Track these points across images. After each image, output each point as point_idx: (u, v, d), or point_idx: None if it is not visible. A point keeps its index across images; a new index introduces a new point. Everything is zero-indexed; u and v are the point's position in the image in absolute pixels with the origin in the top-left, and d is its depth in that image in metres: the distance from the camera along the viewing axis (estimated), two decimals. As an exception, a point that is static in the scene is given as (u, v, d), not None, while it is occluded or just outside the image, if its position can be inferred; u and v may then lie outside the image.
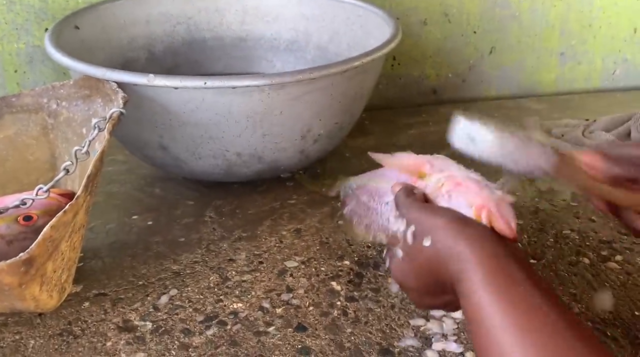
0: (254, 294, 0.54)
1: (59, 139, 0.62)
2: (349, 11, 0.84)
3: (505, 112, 1.00)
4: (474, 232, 0.37)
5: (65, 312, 0.51)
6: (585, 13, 1.08)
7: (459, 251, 0.36)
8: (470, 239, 0.36)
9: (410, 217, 0.40)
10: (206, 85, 0.56)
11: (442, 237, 0.37)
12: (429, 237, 0.38)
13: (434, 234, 0.37)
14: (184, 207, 0.69)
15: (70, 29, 0.72)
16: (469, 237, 0.36)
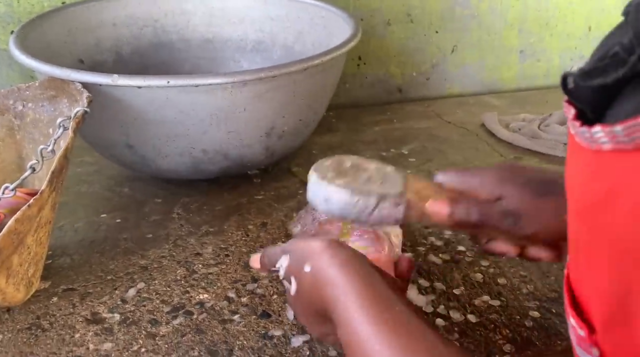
0: (220, 285, 0.56)
1: (25, 140, 0.63)
2: (313, 12, 0.86)
3: (467, 108, 1.04)
4: (347, 256, 0.37)
5: (33, 307, 0.52)
6: (542, 12, 1.12)
7: (332, 274, 0.36)
8: (343, 262, 0.36)
9: (291, 248, 0.41)
10: (169, 83, 0.57)
11: (317, 262, 0.37)
12: (308, 263, 0.38)
13: (311, 259, 0.38)
14: (152, 205, 0.70)
15: (36, 32, 0.73)
16: (342, 261, 0.36)
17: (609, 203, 0.26)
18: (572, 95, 0.29)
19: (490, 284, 0.56)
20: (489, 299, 0.54)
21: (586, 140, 0.27)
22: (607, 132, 0.25)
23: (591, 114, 0.28)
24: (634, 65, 0.25)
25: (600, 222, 0.27)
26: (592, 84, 0.27)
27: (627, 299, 0.26)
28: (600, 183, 0.27)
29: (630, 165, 0.24)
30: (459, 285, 0.56)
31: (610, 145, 0.25)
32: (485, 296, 0.54)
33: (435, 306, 0.53)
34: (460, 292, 0.55)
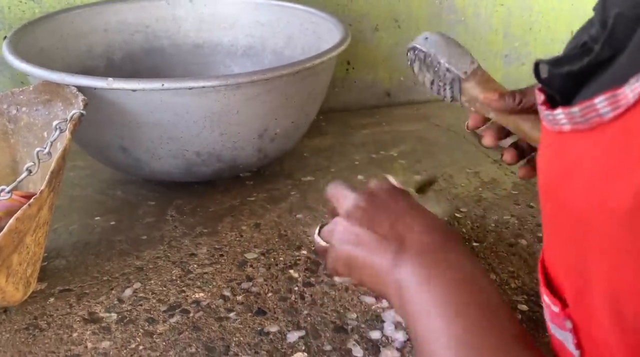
0: (215, 284, 0.57)
1: (20, 144, 0.64)
2: (303, 18, 0.88)
3: (455, 111, 1.06)
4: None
5: (30, 307, 0.52)
6: (525, 18, 1.15)
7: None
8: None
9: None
10: (164, 86, 0.58)
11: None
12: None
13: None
14: (146, 208, 0.71)
15: (28, 38, 0.73)
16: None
17: (567, 180, 0.28)
18: (543, 82, 0.30)
19: (480, 279, 0.58)
20: (479, 293, 0.56)
21: (550, 123, 0.28)
22: (567, 113, 0.26)
23: (561, 100, 0.30)
24: (598, 53, 0.27)
25: (561, 199, 0.29)
26: (562, 72, 0.29)
27: (586, 269, 0.27)
28: (561, 161, 0.29)
29: (585, 143, 0.26)
30: (449, 281, 0.57)
31: (570, 126, 0.27)
32: (475, 290, 0.56)
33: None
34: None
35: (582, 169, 0.26)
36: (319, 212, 0.70)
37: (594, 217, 0.25)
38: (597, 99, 0.24)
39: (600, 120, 0.25)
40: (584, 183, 0.26)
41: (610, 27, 0.26)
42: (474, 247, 0.63)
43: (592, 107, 0.25)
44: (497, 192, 0.75)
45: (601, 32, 0.28)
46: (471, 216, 0.69)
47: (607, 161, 0.24)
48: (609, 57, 0.27)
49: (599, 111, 0.24)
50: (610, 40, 0.27)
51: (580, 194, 0.27)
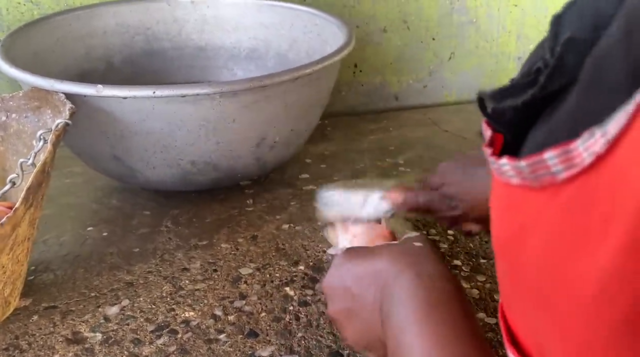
0: (207, 302, 0.54)
1: (9, 152, 0.62)
2: (307, 20, 0.85)
3: (466, 116, 1.02)
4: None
5: (12, 326, 0.50)
6: (540, 19, 1.11)
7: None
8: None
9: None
10: (155, 94, 0.56)
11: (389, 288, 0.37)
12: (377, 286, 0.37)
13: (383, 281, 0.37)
14: (141, 218, 0.68)
15: (22, 41, 0.71)
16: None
17: (520, 241, 0.24)
18: (489, 116, 0.26)
19: (487, 300, 0.54)
20: (485, 316, 0.52)
21: (496, 171, 0.24)
22: (513, 166, 0.22)
23: (510, 138, 0.26)
24: (542, 86, 0.23)
25: (515, 260, 0.25)
26: (504, 106, 0.25)
27: (544, 340, 0.24)
28: (512, 218, 0.25)
29: (537, 203, 0.22)
30: (454, 302, 0.54)
31: (518, 180, 0.23)
32: (481, 313, 0.53)
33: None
34: (455, 309, 0.53)
35: (535, 232, 0.22)
36: (319, 224, 0.67)
37: (551, 290, 0.22)
38: (547, 154, 0.20)
39: (552, 180, 0.21)
40: (538, 250, 0.22)
41: (559, 56, 0.22)
42: (481, 264, 0.60)
43: (542, 163, 0.21)
44: (508, 205, 0.71)
45: (550, 58, 0.23)
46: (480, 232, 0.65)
47: (563, 230, 0.21)
48: (559, 89, 0.23)
49: (550, 169, 0.21)
50: (558, 70, 0.22)
51: (534, 261, 0.23)
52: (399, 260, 0.36)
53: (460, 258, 0.60)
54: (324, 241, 0.64)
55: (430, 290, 0.34)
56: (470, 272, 0.58)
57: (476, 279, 0.57)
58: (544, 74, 0.23)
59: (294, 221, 0.68)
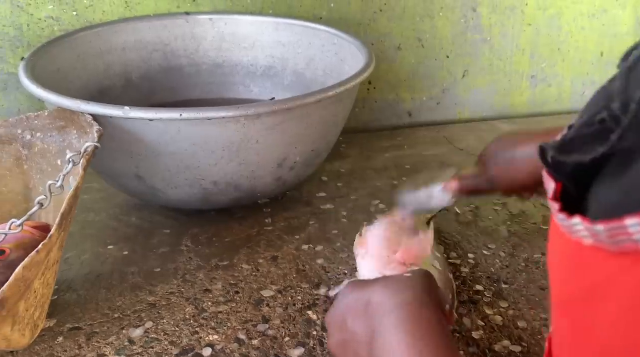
0: (230, 325, 0.54)
1: (33, 171, 0.62)
2: (324, 39, 0.85)
3: (479, 134, 1.03)
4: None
5: (38, 348, 0.50)
6: (554, 37, 1.11)
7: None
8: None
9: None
10: (182, 117, 0.56)
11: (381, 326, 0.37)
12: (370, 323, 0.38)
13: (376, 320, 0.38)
14: (161, 236, 0.69)
15: (46, 58, 0.72)
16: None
17: (592, 302, 0.23)
18: (552, 167, 0.26)
19: (510, 327, 0.54)
20: (510, 344, 0.52)
21: (566, 229, 0.24)
22: (588, 228, 0.22)
23: (574, 190, 0.26)
24: (615, 144, 0.22)
25: (583, 320, 0.24)
26: (570, 161, 0.25)
27: None
28: (581, 277, 0.24)
29: (614, 267, 0.22)
30: (477, 328, 0.54)
31: (592, 241, 0.22)
32: (506, 340, 0.53)
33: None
34: (479, 336, 0.53)
35: (610, 297, 0.22)
36: (338, 245, 0.67)
37: (629, 354, 0.21)
38: (630, 220, 0.20)
39: (636, 247, 0.20)
40: (614, 315, 0.22)
41: (635, 114, 0.21)
42: (503, 289, 0.60)
43: (624, 230, 0.20)
44: (527, 227, 0.71)
45: (622, 114, 0.22)
46: (499, 254, 0.66)
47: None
48: (630, 147, 0.22)
49: (632, 236, 0.20)
50: (634, 129, 0.22)
51: (611, 324, 0.22)
52: (391, 295, 0.37)
53: (482, 283, 0.60)
54: (344, 263, 0.64)
55: (416, 323, 0.34)
56: (493, 297, 0.58)
57: (499, 305, 0.57)
58: (617, 132, 0.22)
59: (313, 241, 0.68)
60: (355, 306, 0.38)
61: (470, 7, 1.04)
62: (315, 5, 0.95)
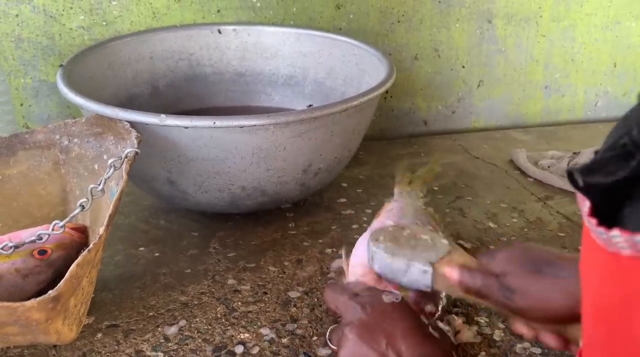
0: (260, 324, 0.56)
1: (70, 175, 0.65)
2: (345, 49, 0.88)
3: (494, 143, 1.05)
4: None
5: (79, 343, 0.53)
6: (567, 49, 1.14)
7: None
8: None
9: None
10: (215, 125, 0.59)
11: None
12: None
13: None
14: (189, 239, 0.71)
15: (80, 66, 0.75)
16: None
17: (627, 310, 0.25)
18: (581, 189, 0.27)
19: (529, 329, 0.56)
20: (530, 346, 0.54)
21: (603, 241, 0.25)
22: (627, 239, 0.23)
23: (606, 209, 0.27)
24: (634, 169, 0.24)
25: (618, 328, 0.26)
26: (593, 182, 0.26)
27: None
28: (618, 287, 0.26)
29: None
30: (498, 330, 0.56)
31: (630, 251, 0.24)
32: (526, 342, 0.54)
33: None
34: (500, 338, 0.55)
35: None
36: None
37: None
38: None
39: None
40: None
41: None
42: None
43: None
44: (544, 234, 0.73)
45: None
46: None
47: None
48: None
49: None
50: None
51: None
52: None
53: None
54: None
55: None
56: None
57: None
58: (637, 159, 0.24)
59: (336, 245, 0.70)
60: (374, 331, 0.45)
61: (486, 19, 1.06)
62: (335, 16, 0.98)
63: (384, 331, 0.45)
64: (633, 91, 1.21)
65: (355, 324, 0.46)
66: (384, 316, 0.47)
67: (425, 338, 0.46)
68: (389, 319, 0.46)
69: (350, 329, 0.46)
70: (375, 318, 0.46)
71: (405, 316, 0.47)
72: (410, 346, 0.44)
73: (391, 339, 0.45)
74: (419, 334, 0.46)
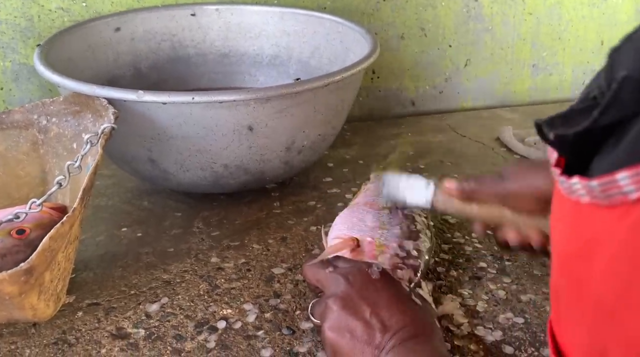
0: (243, 299, 0.56)
1: (49, 155, 0.64)
2: (329, 27, 0.87)
3: (481, 122, 1.04)
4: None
5: (59, 321, 0.52)
6: (554, 26, 1.13)
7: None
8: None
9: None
10: (194, 100, 0.58)
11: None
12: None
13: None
14: (172, 219, 0.71)
15: (58, 47, 0.73)
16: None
17: (586, 257, 0.25)
18: (551, 143, 0.28)
19: (513, 300, 0.56)
20: (512, 316, 0.54)
21: (565, 190, 0.26)
22: (584, 185, 0.24)
23: (575, 162, 0.27)
24: (596, 119, 0.24)
25: (578, 275, 0.26)
26: (559, 133, 0.26)
27: (602, 350, 0.25)
28: (579, 235, 0.26)
29: (607, 221, 0.24)
30: (481, 301, 0.56)
31: (588, 198, 0.24)
32: (509, 312, 0.54)
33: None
34: (483, 309, 0.55)
35: (603, 250, 0.24)
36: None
37: (618, 306, 0.23)
38: (620, 174, 0.22)
39: (624, 199, 0.22)
40: (606, 266, 0.24)
41: (613, 93, 0.24)
42: (505, 267, 0.61)
43: (614, 183, 0.22)
44: (528, 208, 0.73)
45: (606, 91, 0.25)
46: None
47: (634, 247, 0.22)
48: (619, 120, 0.24)
49: (621, 188, 0.22)
50: (613, 106, 0.24)
51: (601, 277, 0.24)
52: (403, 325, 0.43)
53: (486, 260, 0.62)
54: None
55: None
56: (497, 273, 0.60)
57: (502, 281, 0.59)
58: (597, 109, 0.24)
59: (320, 223, 0.70)
60: (358, 302, 0.45)
61: (472, -3, 1.05)
62: (319, -5, 0.97)
63: (366, 301, 0.45)
64: (621, 69, 1.20)
65: (339, 295, 0.46)
66: (367, 286, 0.46)
67: (409, 305, 0.46)
68: (372, 288, 0.46)
69: (334, 301, 0.45)
70: (359, 289, 0.46)
71: (388, 285, 0.47)
72: (394, 314, 0.44)
73: (375, 307, 0.44)
74: (402, 302, 0.45)
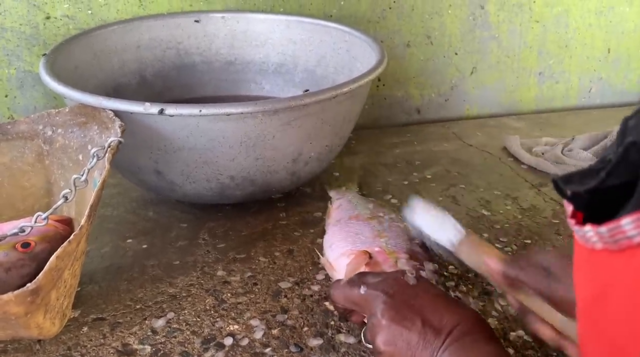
0: (250, 315, 0.55)
1: (54, 166, 0.63)
2: (336, 36, 0.86)
3: (487, 130, 1.04)
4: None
5: (64, 337, 0.52)
6: (561, 34, 1.12)
7: None
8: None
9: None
10: (201, 112, 0.57)
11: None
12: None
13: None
14: (178, 230, 0.70)
15: (64, 55, 0.73)
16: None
17: (601, 301, 0.27)
18: (568, 198, 0.29)
19: (523, 317, 0.56)
20: (524, 334, 0.53)
21: (581, 239, 0.27)
22: (596, 232, 0.26)
23: (589, 214, 0.29)
24: (603, 179, 0.26)
25: (596, 321, 0.27)
26: (572, 190, 0.28)
27: None
28: (595, 280, 0.28)
29: (617, 265, 0.25)
30: (492, 318, 0.55)
31: (601, 244, 0.26)
32: (520, 330, 0.54)
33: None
34: (494, 325, 0.54)
35: (615, 292, 0.25)
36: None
37: (630, 346, 0.24)
38: (624, 220, 0.24)
39: (629, 243, 0.24)
40: (618, 308, 0.25)
41: (619, 156, 0.25)
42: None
43: (619, 229, 0.24)
44: (538, 221, 0.73)
45: (615, 158, 0.27)
46: (512, 248, 0.67)
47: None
48: (627, 182, 0.26)
49: (626, 233, 0.24)
50: (619, 168, 0.26)
51: (614, 318, 0.26)
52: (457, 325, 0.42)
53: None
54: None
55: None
56: (506, 288, 0.59)
57: (512, 296, 0.58)
58: (604, 170, 0.26)
59: (327, 235, 0.69)
60: (405, 314, 0.43)
61: (478, 5, 1.05)
62: (325, 3, 0.97)
63: (413, 308, 0.44)
64: (627, 77, 1.20)
65: (384, 309, 0.45)
66: (408, 294, 0.45)
67: (452, 303, 0.45)
68: (413, 294, 0.45)
69: (382, 316, 0.44)
70: (401, 298, 0.45)
71: (426, 287, 0.46)
72: (443, 314, 0.43)
73: (423, 313, 0.43)
74: (446, 301, 0.45)
